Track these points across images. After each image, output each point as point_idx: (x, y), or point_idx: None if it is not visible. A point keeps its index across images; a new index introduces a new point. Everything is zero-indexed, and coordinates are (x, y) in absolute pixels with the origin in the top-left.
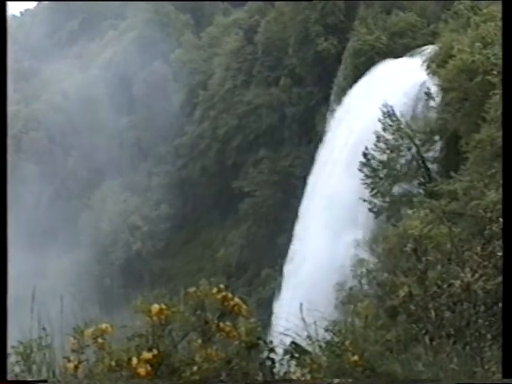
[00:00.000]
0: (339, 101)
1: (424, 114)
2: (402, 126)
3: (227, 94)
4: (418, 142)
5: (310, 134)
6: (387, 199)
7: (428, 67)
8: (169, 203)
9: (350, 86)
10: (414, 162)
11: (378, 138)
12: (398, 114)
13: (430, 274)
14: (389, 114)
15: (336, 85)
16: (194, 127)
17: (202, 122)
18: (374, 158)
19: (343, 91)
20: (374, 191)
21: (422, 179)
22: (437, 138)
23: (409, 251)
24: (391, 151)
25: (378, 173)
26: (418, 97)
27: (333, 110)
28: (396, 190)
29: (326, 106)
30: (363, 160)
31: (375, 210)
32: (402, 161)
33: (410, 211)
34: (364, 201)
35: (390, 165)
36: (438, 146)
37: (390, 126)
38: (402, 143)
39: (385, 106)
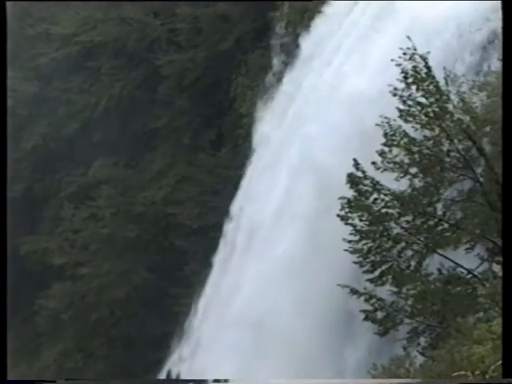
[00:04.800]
0: (294, 46)
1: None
2: (450, 107)
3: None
4: (485, 142)
5: (223, 125)
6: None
7: None
8: None
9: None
10: (477, 189)
11: (391, 130)
12: (439, 79)
13: None
14: (417, 77)
15: (289, 7)
16: None
17: None
18: (374, 182)
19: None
20: (379, 270)
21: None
22: None
23: None
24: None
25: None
26: (485, 43)
27: (279, 70)
28: (435, 261)
29: (264, 52)
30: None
31: (378, 315)
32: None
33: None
34: (351, 292)
35: (416, 198)
36: None
37: (421, 105)
38: (446, 145)
39: (410, 56)
